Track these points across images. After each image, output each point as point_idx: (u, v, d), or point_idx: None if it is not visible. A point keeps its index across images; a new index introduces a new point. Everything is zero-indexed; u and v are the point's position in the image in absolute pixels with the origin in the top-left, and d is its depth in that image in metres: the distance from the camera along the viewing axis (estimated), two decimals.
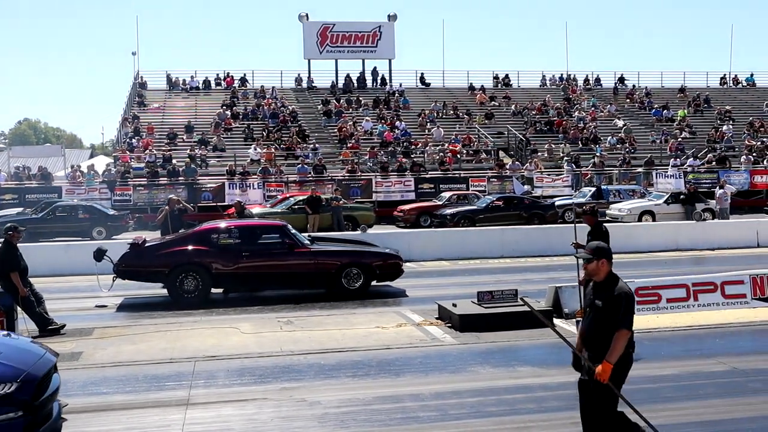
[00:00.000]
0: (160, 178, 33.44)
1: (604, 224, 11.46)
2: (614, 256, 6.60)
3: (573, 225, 12.59)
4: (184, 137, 39.68)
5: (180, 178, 33.12)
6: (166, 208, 18.74)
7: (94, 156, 66.53)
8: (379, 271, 15.52)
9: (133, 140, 38.59)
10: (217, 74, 49.26)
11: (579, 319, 12.38)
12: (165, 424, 7.93)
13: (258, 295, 15.06)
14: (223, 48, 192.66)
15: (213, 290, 14.97)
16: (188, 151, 36.46)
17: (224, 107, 43.45)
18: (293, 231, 15.78)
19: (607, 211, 29.56)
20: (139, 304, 15.15)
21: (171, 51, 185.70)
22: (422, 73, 51.51)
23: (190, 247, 14.91)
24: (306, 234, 17.34)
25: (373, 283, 15.54)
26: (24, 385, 6.71)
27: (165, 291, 15.09)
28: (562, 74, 53.45)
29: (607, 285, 6.33)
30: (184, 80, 48.06)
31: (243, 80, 49.08)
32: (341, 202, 27.91)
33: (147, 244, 15.46)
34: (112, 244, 17.61)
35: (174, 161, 35.17)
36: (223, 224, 16.17)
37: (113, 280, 15.03)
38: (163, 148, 37.31)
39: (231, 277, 14.81)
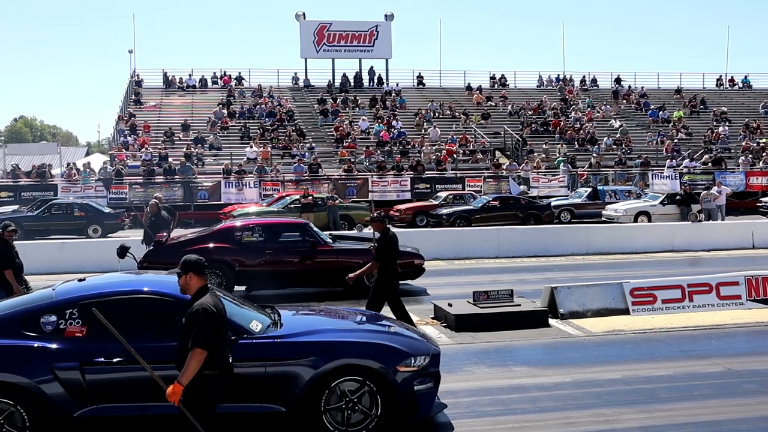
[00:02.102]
0: (156, 177, 33.41)
1: (393, 231, 11.39)
2: (611, 256, 6.58)
3: (373, 232, 12.48)
4: (181, 136, 39.64)
5: (176, 177, 33.08)
6: (147, 210, 18.43)
7: (90, 154, 66.40)
8: (401, 270, 15.48)
9: (129, 138, 38.54)
10: (214, 73, 49.23)
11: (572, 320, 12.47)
12: None
13: (253, 293, 15.02)
14: (220, 47, 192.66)
15: (236, 288, 14.93)
16: (184, 150, 36.42)
17: (221, 106, 43.42)
18: (315, 229, 15.80)
19: (603, 212, 29.61)
20: None
21: (168, 49, 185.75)
22: (419, 73, 51.55)
23: (213, 245, 14.92)
24: (327, 232, 17.32)
25: None
26: (433, 358, 7.60)
27: None
28: (558, 75, 53.52)
29: (193, 300, 5.90)
30: (180, 78, 48.02)
31: (239, 79, 49.05)
32: (337, 201, 27.91)
33: (170, 242, 15.45)
34: (131, 242, 17.44)
35: (170, 160, 35.13)
36: (246, 222, 16.23)
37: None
38: (160, 147, 37.27)
39: (254, 275, 14.76)
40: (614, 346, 11.08)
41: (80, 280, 7.84)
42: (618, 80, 53.12)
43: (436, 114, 44.98)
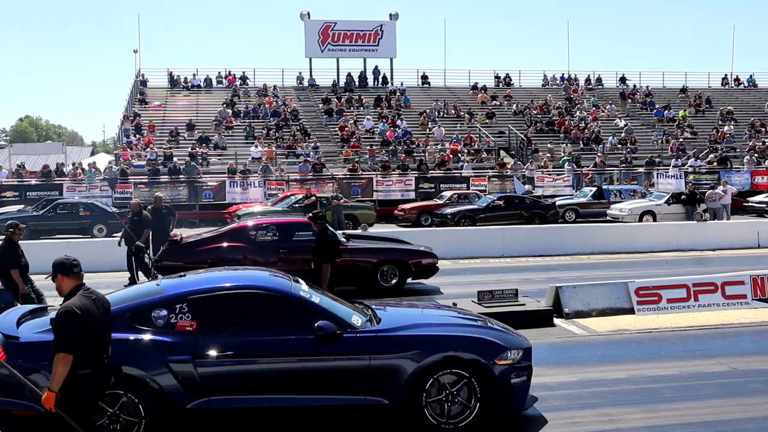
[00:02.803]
0: (161, 176, 33.46)
1: (331, 230, 11.32)
2: (616, 256, 6.57)
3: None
4: (186, 135, 39.70)
5: (181, 177, 33.13)
6: (150, 208, 17.96)
7: (95, 153, 66.51)
8: (415, 269, 15.54)
9: (134, 138, 38.60)
10: (219, 72, 49.28)
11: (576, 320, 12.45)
12: None
13: None
14: (225, 46, 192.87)
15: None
16: (189, 149, 36.46)
17: (225, 105, 43.46)
18: (329, 228, 15.85)
19: (608, 211, 29.57)
20: None
21: (172, 49, 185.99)
22: (424, 73, 51.51)
23: (228, 244, 15.05)
24: (341, 231, 17.35)
25: (408, 280, 15.55)
26: (526, 352, 7.84)
27: None
28: (563, 74, 53.43)
29: (64, 302, 5.84)
30: (185, 78, 48.05)
31: (244, 78, 49.09)
32: (342, 201, 27.89)
33: (185, 241, 15.57)
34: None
35: (175, 159, 35.18)
36: (260, 221, 16.34)
37: (152, 277, 15.18)
38: (164, 146, 37.33)
39: None
40: (619, 345, 11.08)
41: (181, 275, 8.12)
42: (623, 79, 53.04)
43: (441, 113, 44.96)
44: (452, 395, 7.36)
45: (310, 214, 11.86)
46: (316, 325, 7.18)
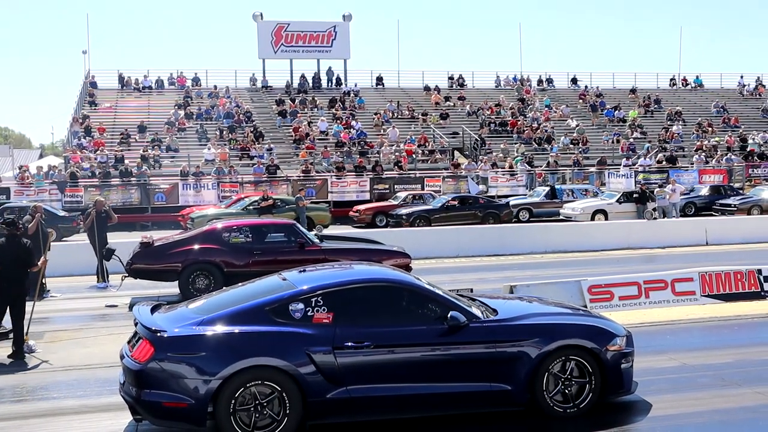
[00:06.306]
0: (112, 179, 32.95)
1: (23, 240, 11.03)
2: (569, 254, 6.66)
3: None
4: (137, 137, 39.14)
5: (132, 179, 32.66)
6: (93, 212, 18.01)
7: (43, 156, 65.26)
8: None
9: (84, 140, 37.95)
10: (170, 73, 48.61)
11: None
12: (117, 429, 7.84)
13: None
14: (177, 47, 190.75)
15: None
16: (141, 152, 35.96)
17: (177, 107, 42.96)
18: (303, 230, 15.90)
19: (561, 211, 29.91)
20: None
21: (123, 50, 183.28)
22: (378, 74, 51.50)
23: (201, 246, 14.98)
24: (314, 232, 17.35)
25: None
26: (628, 339, 8.18)
27: (176, 290, 14.91)
28: (516, 75, 53.90)
29: None
30: (136, 79, 47.35)
31: (196, 80, 48.57)
32: (306, 202, 27.73)
33: (157, 243, 15.43)
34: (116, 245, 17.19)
35: (126, 162, 34.67)
36: (233, 223, 16.29)
37: (122, 280, 15.01)
38: (115, 149, 36.75)
39: (243, 276, 14.66)
40: None
41: (301, 271, 8.47)
42: (574, 80, 53.74)
43: (395, 114, 45.03)
44: (569, 381, 7.72)
45: (1, 222, 11.58)
46: (449, 315, 7.54)
